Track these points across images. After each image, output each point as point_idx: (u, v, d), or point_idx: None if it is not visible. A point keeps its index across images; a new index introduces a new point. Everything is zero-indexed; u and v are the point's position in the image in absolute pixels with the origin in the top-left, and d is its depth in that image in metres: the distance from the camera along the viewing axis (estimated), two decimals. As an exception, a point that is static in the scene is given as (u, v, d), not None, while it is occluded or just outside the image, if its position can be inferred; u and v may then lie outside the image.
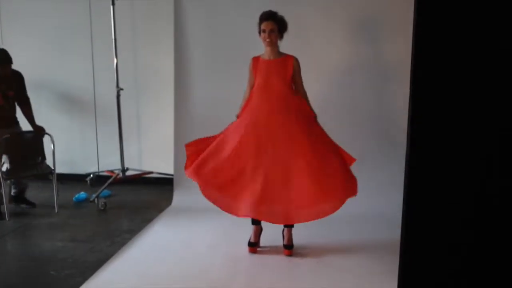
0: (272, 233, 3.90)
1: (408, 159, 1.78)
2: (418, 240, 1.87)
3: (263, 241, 3.89)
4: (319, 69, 4.67)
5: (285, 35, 3.71)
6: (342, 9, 4.62)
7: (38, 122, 5.01)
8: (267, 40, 3.62)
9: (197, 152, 3.71)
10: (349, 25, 4.65)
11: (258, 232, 3.87)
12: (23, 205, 4.93)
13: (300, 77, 3.72)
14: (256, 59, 3.73)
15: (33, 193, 5.15)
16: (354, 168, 4.65)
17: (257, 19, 3.68)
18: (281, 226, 3.84)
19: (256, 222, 3.85)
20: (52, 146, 4.86)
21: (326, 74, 4.72)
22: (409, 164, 1.78)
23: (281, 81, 3.66)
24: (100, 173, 5.76)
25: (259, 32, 3.67)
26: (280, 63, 3.67)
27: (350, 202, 4.52)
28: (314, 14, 4.67)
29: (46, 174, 4.89)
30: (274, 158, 3.55)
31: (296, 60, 3.69)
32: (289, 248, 3.78)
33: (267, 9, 3.68)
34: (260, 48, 3.73)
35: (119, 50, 5.36)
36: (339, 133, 4.72)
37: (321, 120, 4.74)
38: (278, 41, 3.69)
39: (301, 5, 4.63)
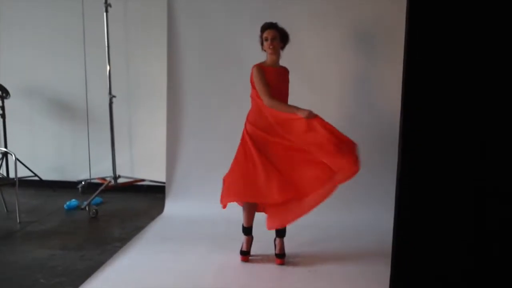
0: (264, 242, 3.89)
1: (399, 168, 1.79)
2: (410, 248, 1.88)
3: (256, 250, 3.88)
4: (312, 79, 4.69)
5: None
6: (336, 20, 4.64)
7: (30, 128, 4.99)
8: (271, 47, 3.62)
9: None
10: (341, 35, 4.66)
11: (250, 241, 3.86)
12: None
13: None
14: (262, 67, 3.67)
15: (24, 200, 5.12)
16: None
17: (250, 27, 3.69)
18: (273, 235, 3.84)
19: (247, 233, 3.84)
20: (13, 157, 4.83)
21: (318, 84, 4.73)
22: (401, 174, 1.79)
23: (287, 89, 3.76)
24: (92, 181, 5.74)
25: (262, 43, 3.67)
26: (282, 71, 3.76)
27: (341, 210, 4.56)
28: (307, 23, 4.68)
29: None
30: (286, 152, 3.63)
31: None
32: (281, 257, 3.77)
33: (260, 16, 3.70)
34: (254, 55, 3.73)
35: (112, 57, 5.36)
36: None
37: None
38: (281, 51, 3.70)
39: (295, 15, 4.64)
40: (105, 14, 5.23)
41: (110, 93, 5.36)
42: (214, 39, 4.88)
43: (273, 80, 3.65)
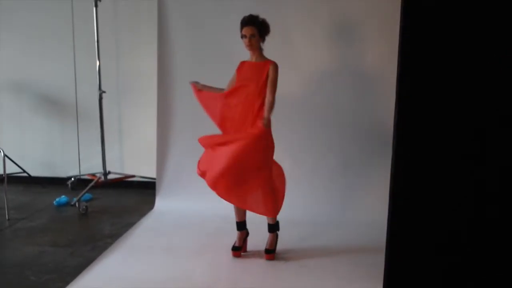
0: (257, 238, 3.89)
1: (393, 162, 1.79)
2: (403, 243, 1.88)
3: (250, 246, 3.87)
4: (302, 72, 4.68)
5: (269, 38, 3.68)
6: (326, 12, 4.63)
7: (19, 124, 4.94)
8: (248, 45, 3.61)
9: None
10: (332, 27, 4.65)
11: (243, 236, 3.85)
12: None
13: (272, 84, 3.56)
14: (242, 63, 3.75)
15: (13, 197, 5.07)
16: (339, 173, 4.68)
17: (239, 23, 3.66)
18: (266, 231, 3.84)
19: (240, 228, 3.84)
20: (2, 153, 4.80)
21: (308, 77, 4.72)
22: (395, 168, 1.79)
23: (253, 84, 3.59)
24: (82, 177, 5.70)
25: (241, 37, 3.65)
26: (258, 66, 3.63)
27: (333, 206, 4.57)
28: (297, 16, 4.68)
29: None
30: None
31: (273, 65, 3.58)
32: (268, 252, 3.77)
33: (249, 11, 3.66)
34: (244, 51, 3.71)
35: (102, 52, 5.31)
36: (323, 137, 4.76)
37: (304, 123, 4.74)
38: (261, 45, 3.67)
39: (284, 8, 4.63)
40: (94, 8, 5.18)
41: (100, 88, 5.32)
42: (204, 35, 4.86)
43: (240, 74, 3.70)
